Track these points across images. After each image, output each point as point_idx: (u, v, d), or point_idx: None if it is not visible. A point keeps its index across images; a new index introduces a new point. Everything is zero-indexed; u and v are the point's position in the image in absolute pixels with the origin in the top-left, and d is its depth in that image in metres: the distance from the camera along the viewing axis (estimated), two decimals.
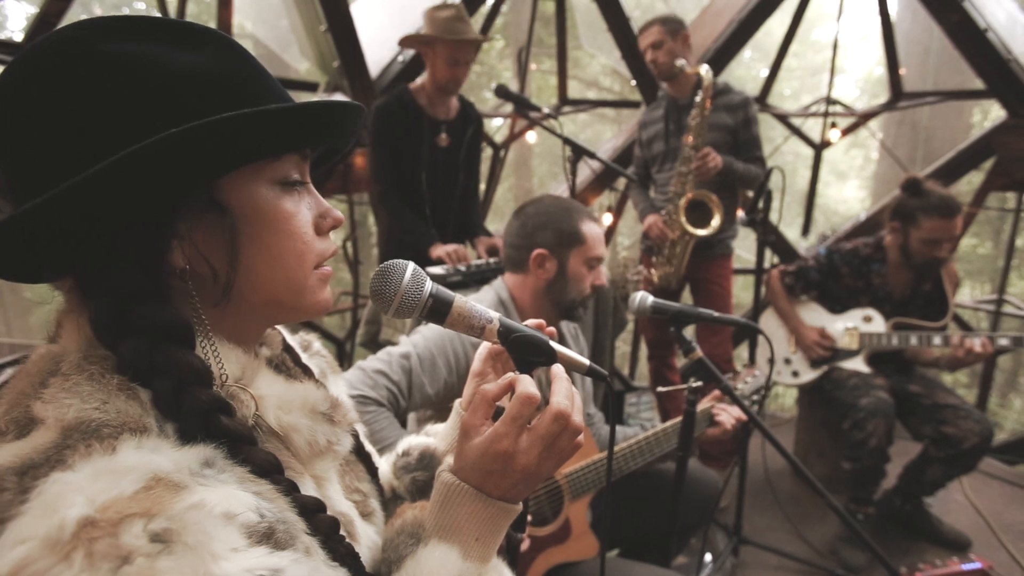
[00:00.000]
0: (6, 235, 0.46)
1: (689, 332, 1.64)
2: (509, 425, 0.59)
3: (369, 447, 0.79)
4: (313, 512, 0.53)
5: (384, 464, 0.85)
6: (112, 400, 0.46)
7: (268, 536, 0.44)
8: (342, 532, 0.57)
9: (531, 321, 0.71)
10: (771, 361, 1.47)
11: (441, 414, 1.49)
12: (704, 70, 2.42)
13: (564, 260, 1.52)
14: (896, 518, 2.43)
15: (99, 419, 0.45)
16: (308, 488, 0.58)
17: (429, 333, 1.47)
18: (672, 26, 2.53)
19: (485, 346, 0.77)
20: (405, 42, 2.44)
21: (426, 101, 2.44)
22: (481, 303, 0.67)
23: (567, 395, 0.61)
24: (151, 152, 0.45)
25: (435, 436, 0.85)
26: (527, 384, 0.61)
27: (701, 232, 2.52)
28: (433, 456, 0.81)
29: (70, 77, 0.47)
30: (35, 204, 0.45)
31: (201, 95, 0.50)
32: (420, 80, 2.48)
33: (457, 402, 0.81)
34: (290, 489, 0.51)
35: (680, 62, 2.46)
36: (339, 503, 0.63)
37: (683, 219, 2.52)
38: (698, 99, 2.45)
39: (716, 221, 2.50)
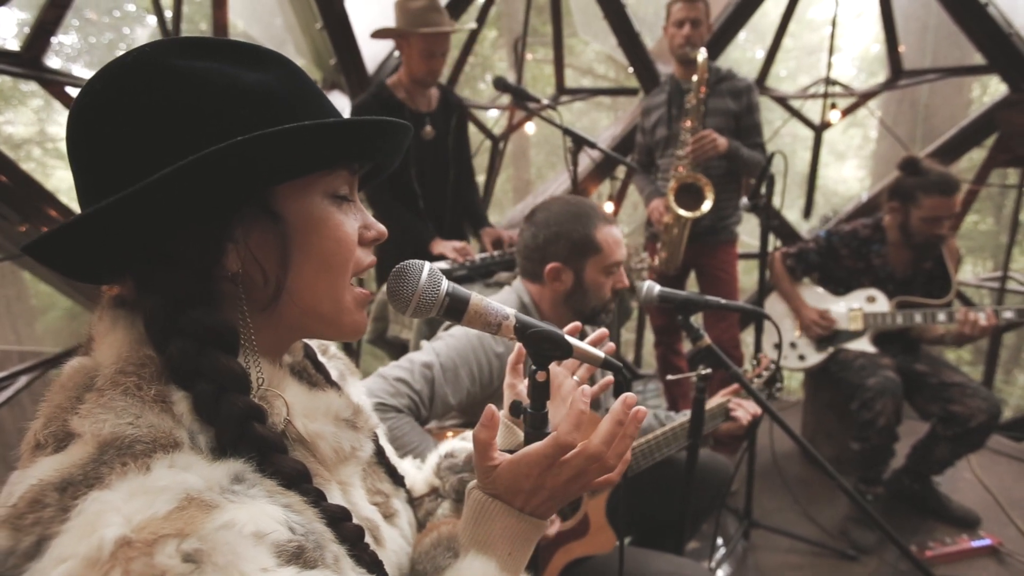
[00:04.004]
0: (76, 233, 0.48)
1: (697, 319, 1.64)
2: (540, 460, 0.61)
3: (387, 447, 0.80)
4: (340, 521, 0.54)
5: (410, 466, 0.86)
6: (145, 414, 0.48)
7: (298, 556, 0.45)
8: (367, 540, 0.59)
9: (569, 326, 0.72)
10: (778, 346, 1.47)
11: (466, 419, 1.47)
12: (701, 54, 2.41)
13: (580, 271, 1.46)
14: (905, 497, 2.45)
15: (132, 435, 0.46)
16: (335, 494, 0.59)
17: (452, 341, 1.42)
18: (708, 10, 2.58)
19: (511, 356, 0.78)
20: (378, 35, 2.35)
21: (405, 95, 2.37)
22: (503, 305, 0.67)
23: (609, 435, 0.61)
24: (216, 158, 0.47)
25: None
26: (566, 431, 0.60)
27: (691, 214, 2.50)
28: None
29: (144, 88, 0.50)
30: (108, 203, 0.47)
31: (264, 109, 0.52)
32: (396, 75, 2.41)
33: (502, 412, 0.80)
34: (318, 498, 0.53)
35: (699, 51, 2.44)
36: (363, 508, 0.65)
37: (673, 202, 2.51)
38: (694, 80, 2.44)
39: (708, 203, 2.47)
